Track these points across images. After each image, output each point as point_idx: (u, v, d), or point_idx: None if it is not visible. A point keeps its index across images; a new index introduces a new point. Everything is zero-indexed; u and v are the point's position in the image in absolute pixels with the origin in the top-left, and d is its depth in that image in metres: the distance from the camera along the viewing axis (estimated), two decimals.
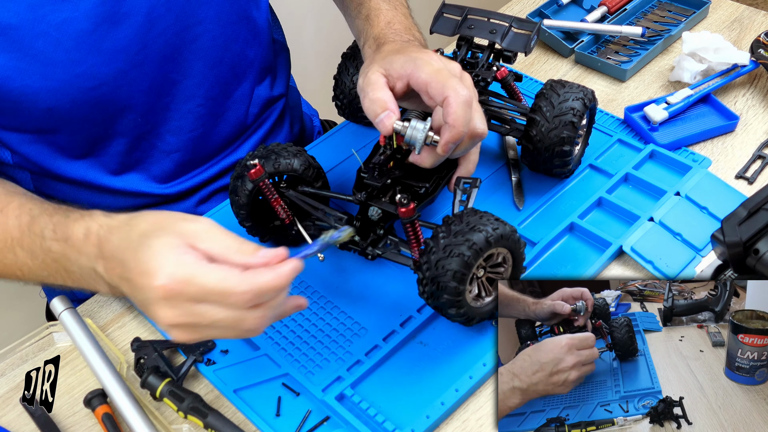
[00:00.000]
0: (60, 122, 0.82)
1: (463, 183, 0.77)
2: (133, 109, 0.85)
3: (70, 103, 0.80)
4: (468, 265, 0.67)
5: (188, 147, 0.93)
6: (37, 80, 0.77)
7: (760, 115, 0.99)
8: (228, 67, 0.92)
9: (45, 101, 0.78)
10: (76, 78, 0.78)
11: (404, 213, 0.72)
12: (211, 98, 0.92)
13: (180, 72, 0.87)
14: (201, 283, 0.57)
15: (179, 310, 0.58)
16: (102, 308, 0.84)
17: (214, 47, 0.89)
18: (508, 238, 0.69)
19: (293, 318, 0.79)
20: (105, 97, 0.82)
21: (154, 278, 0.57)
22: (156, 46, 0.83)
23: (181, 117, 0.90)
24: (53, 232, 0.68)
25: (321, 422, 0.71)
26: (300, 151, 0.82)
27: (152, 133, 0.90)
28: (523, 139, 0.85)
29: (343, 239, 0.67)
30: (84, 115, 0.82)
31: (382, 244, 0.78)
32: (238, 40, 0.91)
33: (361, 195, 0.77)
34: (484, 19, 0.87)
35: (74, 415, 0.74)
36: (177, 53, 0.86)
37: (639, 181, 0.89)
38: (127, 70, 0.82)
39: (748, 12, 1.16)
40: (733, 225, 0.70)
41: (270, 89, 1.00)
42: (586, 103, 0.83)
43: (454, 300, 0.69)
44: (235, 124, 0.97)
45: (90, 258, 0.65)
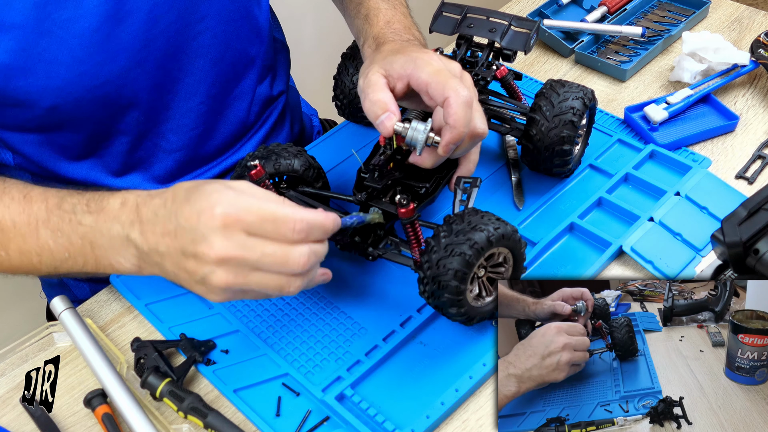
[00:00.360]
0: (63, 121, 0.82)
1: (464, 183, 0.77)
2: (136, 107, 0.85)
3: (74, 101, 0.79)
4: (469, 264, 0.67)
5: (190, 145, 0.93)
6: (40, 79, 0.77)
7: (760, 115, 0.99)
8: (229, 65, 0.92)
9: (48, 99, 0.78)
10: (80, 76, 0.78)
11: (404, 213, 0.72)
12: (213, 96, 0.92)
13: (182, 69, 0.87)
14: (259, 209, 0.61)
15: (233, 241, 0.60)
16: (102, 308, 0.84)
17: (215, 45, 0.89)
18: (509, 238, 0.69)
19: (293, 318, 0.79)
20: (108, 96, 0.82)
21: (216, 208, 0.60)
22: (158, 43, 0.83)
23: (182, 115, 0.90)
24: (86, 206, 0.69)
25: (321, 422, 0.71)
26: (300, 152, 0.82)
27: (154, 132, 0.90)
28: (523, 138, 0.85)
29: (374, 219, 0.73)
30: (87, 113, 0.82)
31: (382, 244, 0.78)
32: (239, 37, 0.91)
33: (362, 195, 0.77)
34: (484, 17, 0.87)
35: (74, 415, 0.74)
36: (179, 51, 0.86)
37: (639, 181, 0.89)
38: (130, 68, 0.82)
39: (748, 12, 1.16)
40: (733, 225, 0.70)
41: (270, 88, 1.00)
42: (586, 102, 0.83)
43: (455, 299, 0.69)
44: (236, 123, 0.97)
45: (124, 225, 0.66)
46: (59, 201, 0.71)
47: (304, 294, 0.81)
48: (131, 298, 0.83)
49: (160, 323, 0.80)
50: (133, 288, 0.84)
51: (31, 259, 0.73)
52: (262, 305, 0.81)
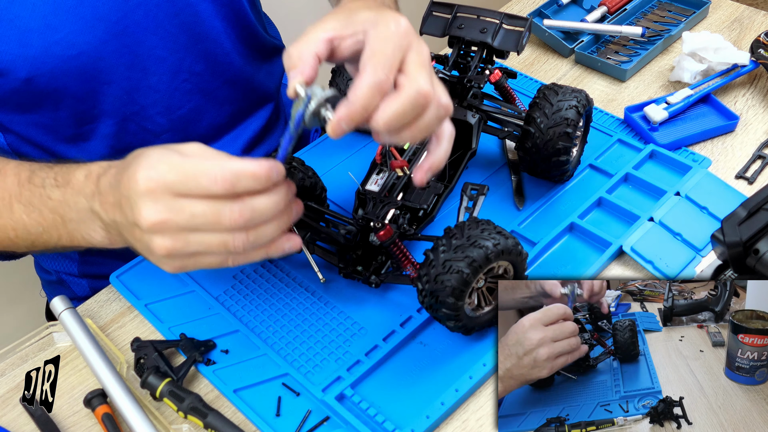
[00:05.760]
0: (41, 94, 0.81)
1: (470, 189, 0.77)
2: (117, 84, 0.84)
3: (49, 72, 0.78)
4: (467, 282, 0.67)
5: (178, 127, 0.92)
6: (14, 47, 0.76)
7: (760, 115, 0.99)
8: (212, 43, 0.90)
9: (23, 69, 0.77)
10: (54, 45, 0.77)
11: (382, 237, 0.72)
12: (197, 74, 0.90)
13: (165, 47, 0.86)
14: (180, 166, 0.57)
15: (160, 204, 0.57)
16: (102, 308, 0.84)
17: (196, 23, 0.87)
18: (509, 252, 0.69)
19: (293, 318, 0.79)
20: (85, 68, 0.81)
21: (138, 172, 0.57)
22: (136, 16, 0.82)
23: (169, 96, 0.89)
24: (54, 180, 0.68)
25: (321, 422, 0.71)
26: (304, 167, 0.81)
27: (141, 115, 0.88)
28: (519, 149, 0.85)
29: (315, 109, 0.59)
30: (64, 86, 0.81)
31: (384, 270, 0.78)
32: (218, 16, 0.89)
33: (361, 220, 0.76)
34: (474, 17, 0.86)
35: (74, 415, 0.74)
36: (159, 26, 0.84)
37: (639, 181, 0.89)
38: (108, 41, 0.81)
39: (748, 12, 1.16)
40: (733, 225, 0.70)
41: (263, 74, 0.99)
42: (580, 110, 0.83)
43: (452, 314, 0.69)
44: (227, 105, 0.95)
45: (88, 197, 0.65)
46: (30, 175, 0.70)
47: (304, 294, 0.81)
48: (131, 298, 0.83)
49: (160, 323, 0.80)
50: (133, 288, 0.84)
51: (8, 234, 0.72)
52: (262, 305, 0.81)
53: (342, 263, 0.77)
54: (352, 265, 0.77)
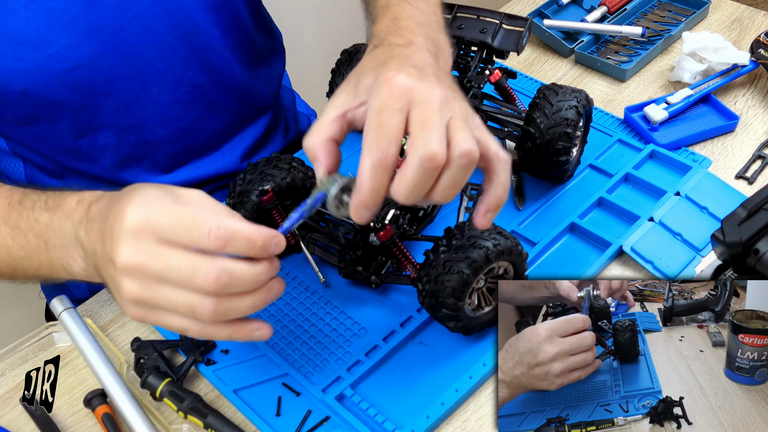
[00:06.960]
0: (39, 108, 0.80)
1: (471, 189, 0.77)
2: (115, 96, 0.84)
3: (45, 85, 0.78)
4: (467, 282, 0.67)
5: (178, 138, 0.91)
6: (9, 60, 0.76)
7: (760, 115, 0.99)
8: (213, 53, 0.90)
9: (19, 82, 0.77)
10: (49, 59, 0.77)
11: (382, 237, 0.71)
12: (198, 85, 0.90)
13: (164, 60, 0.86)
14: (174, 212, 0.53)
15: (141, 247, 0.54)
16: (102, 308, 0.84)
17: (196, 34, 0.87)
18: (509, 253, 0.69)
19: (293, 318, 0.79)
20: (81, 81, 0.80)
21: (128, 209, 0.54)
22: (133, 29, 0.81)
23: (170, 108, 0.89)
24: (45, 203, 0.66)
25: (321, 422, 0.71)
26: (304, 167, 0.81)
27: (141, 127, 0.88)
28: (519, 149, 0.85)
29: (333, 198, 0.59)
30: (61, 99, 0.81)
31: (384, 270, 0.78)
32: (217, 25, 0.89)
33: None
34: (474, 16, 0.86)
35: (74, 415, 0.74)
36: (158, 39, 0.84)
37: (639, 181, 0.89)
38: (104, 54, 0.80)
39: (748, 12, 1.16)
40: (733, 225, 0.70)
41: (262, 80, 0.99)
42: (580, 110, 0.83)
43: (452, 314, 0.69)
44: (226, 114, 0.95)
45: (75, 223, 0.62)
46: (22, 197, 0.69)
47: (304, 294, 0.81)
48: None
49: None
50: None
51: None
52: None
53: (342, 263, 0.77)
54: (352, 265, 0.77)
